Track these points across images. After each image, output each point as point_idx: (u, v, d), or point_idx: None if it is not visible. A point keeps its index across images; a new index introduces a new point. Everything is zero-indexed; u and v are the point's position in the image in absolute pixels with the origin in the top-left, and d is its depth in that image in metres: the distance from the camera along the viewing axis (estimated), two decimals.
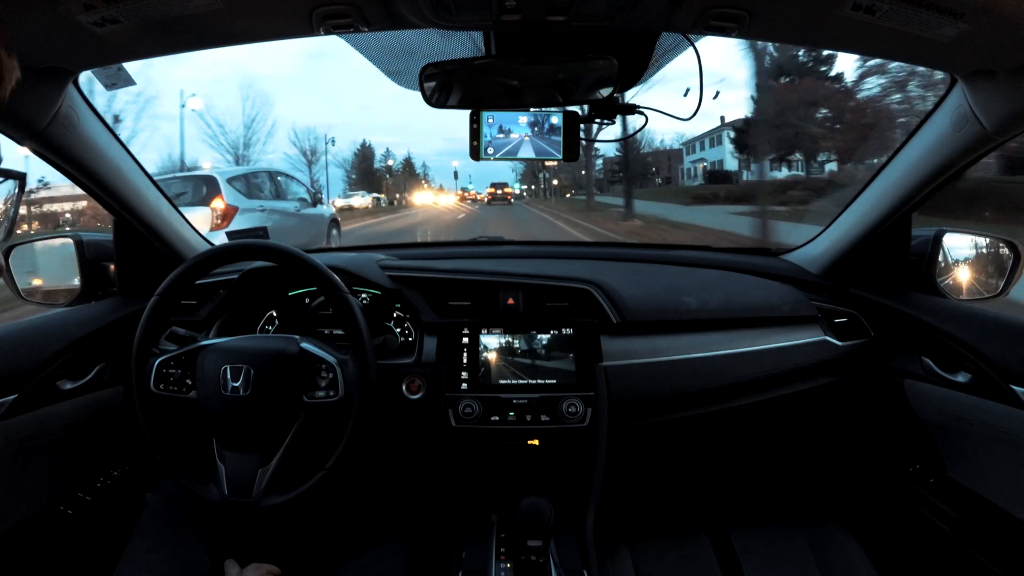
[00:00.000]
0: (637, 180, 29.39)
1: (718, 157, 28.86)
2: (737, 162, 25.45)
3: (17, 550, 0.91)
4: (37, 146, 0.84)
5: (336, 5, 0.66)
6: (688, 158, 32.81)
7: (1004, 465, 0.89)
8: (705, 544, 1.05)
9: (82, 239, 1.13)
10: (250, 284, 1.13)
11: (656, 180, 32.76)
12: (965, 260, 1.10)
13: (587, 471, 1.05)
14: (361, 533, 1.02)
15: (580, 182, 29.71)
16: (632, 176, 29.19)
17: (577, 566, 0.95)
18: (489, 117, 0.88)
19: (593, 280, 1.10)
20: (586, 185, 24.97)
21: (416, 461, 1.22)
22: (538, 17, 0.69)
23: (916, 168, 0.96)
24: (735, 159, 25.65)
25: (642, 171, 31.84)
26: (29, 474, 0.93)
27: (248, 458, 0.88)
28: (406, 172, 42.14)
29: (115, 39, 0.70)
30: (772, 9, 0.67)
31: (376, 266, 1.15)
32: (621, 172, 29.36)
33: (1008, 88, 0.75)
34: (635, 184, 30.20)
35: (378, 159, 40.37)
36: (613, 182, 31.13)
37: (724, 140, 27.43)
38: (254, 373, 0.87)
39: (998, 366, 0.87)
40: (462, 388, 1.03)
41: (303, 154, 27.32)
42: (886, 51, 0.77)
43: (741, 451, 1.33)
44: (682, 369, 1.07)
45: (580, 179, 28.12)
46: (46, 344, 0.95)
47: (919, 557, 1.07)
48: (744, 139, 22.36)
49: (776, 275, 1.21)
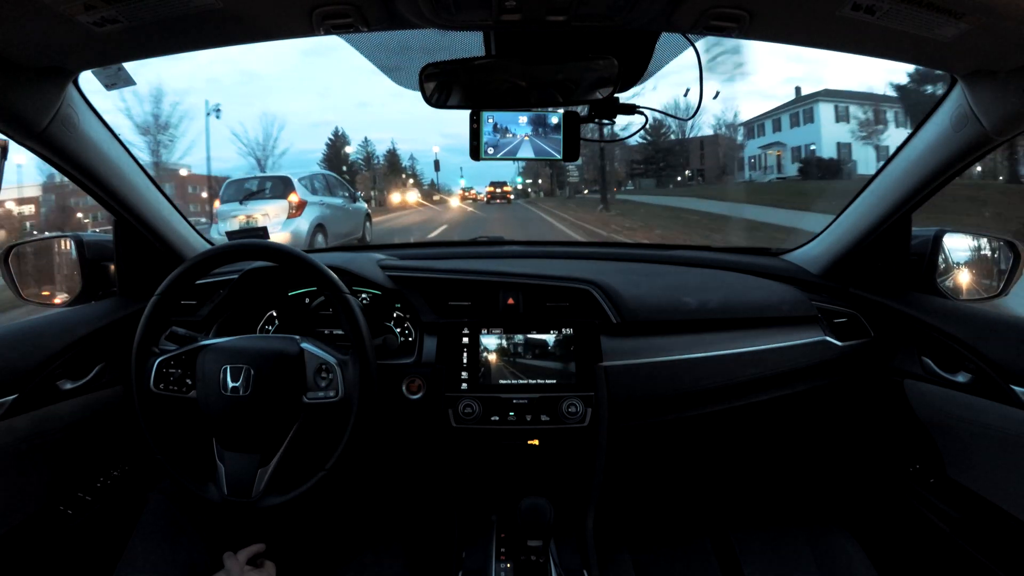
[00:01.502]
0: (666, 173, 24.94)
1: (806, 140, 20.23)
2: (857, 145, 18.25)
3: (17, 550, 0.91)
4: (37, 146, 0.84)
5: (336, 5, 0.66)
6: (753, 143, 23.06)
7: (1004, 465, 0.89)
8: (706, 545, 1.05)
9: (82, 239, 1.13)
10: (250, 284, 1.13)
11: (687, 173, 24.96)
12: (965, 260, 1.10)
13: (587, 471, 1.05)
14: (361, 533, 1.02)
15: (583, 175, 24.86)
16: (661, 169, 24.43)
17: (577, 566, 0.95)
18: (489, 117, 0.88)
19: (593, 280, 1.10)
20: (600, 182, 20.67)
21: (416, 461, 1.22)
22: (538, 17, 0.69)
23: (916, 168, 0.96)
24: (859, 141, 18.29)
25: (673, 162, 25.24)
26: (29, 474, 0.93)
27: (248, 458, 0.88)
28: (389, 166, 35.56)
29: (115, 39, 0.70)
30: (772, 9, 0.67)
31: (376, 266, 1.15)
32: (644, 164, 25.12)
33: (1008, 88, 0.75)
34: (665, 178, 24.80)
35: (356, 150, 34.53)
36: (635, 175, 25.90)
37: (818, 115, 19.65)
38: (254, 373, 0.87)
39: (998, 366, 0.87)
40: (462, 388, 1.03)
41: (252, 152, 23.45)
42: (886, 51, 0.77)
43: (741, 451, 1.33)
44: (682, 369, 1.07)
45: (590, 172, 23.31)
46: (46, 344, 0.95)
47: (919, 557, 1.07)
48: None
49: (776, 275, 1.21)
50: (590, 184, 24.37)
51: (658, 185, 24.61)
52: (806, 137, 20.44)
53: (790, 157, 21.17)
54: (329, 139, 34.08)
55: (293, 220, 6.18)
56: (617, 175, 25.27)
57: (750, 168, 23.02)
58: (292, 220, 6.19)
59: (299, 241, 6.11)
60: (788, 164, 21.10)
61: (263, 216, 6.22)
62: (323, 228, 6.62)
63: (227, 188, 6.85)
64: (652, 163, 25.33)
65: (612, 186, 22.61)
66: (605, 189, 19.46)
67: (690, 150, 24.34)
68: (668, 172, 25.27)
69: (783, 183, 18.79)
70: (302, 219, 6.27)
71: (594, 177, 23.25)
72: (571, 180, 26.12)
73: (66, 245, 1.15)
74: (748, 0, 0.65)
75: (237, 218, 6.28)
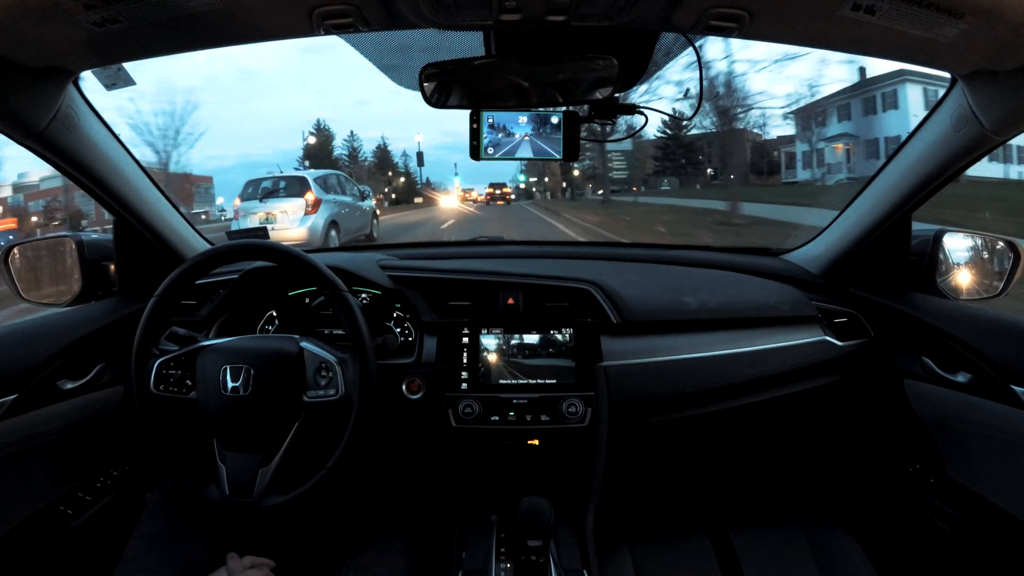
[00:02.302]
0: (688, 171, 22.63)
1: (888, 131, 15.45)
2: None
3: (17, 550, 0.91)
4: (37, 146, 0.84)
5: (336, 5, 0.66)
6: (807, 136, 18.12)
7: (1004, 465, 0.89)
8: (705, 544, 1.05)
9: (82, 239, 1.13)
10: (250, 284, 1.13)
11: (709, 171, 22.05)
12: (965, 260, 1.10)
13: (587, 471, 1.05)
14: (361, 533, 1.02)
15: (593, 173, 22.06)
16: (681, 166, 21.58)
17: (577, 566, 0.95)
18: (489, 117, 0.88)
19: (593, 280, 1.10)
20: (604, 182, 19.33)
21: (416, 461, 1.22)
22: (538, 17, 0.69)
23: (916, 168, 0.96)
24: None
25: (695, 159, 22.90)
26: (29, 474, 0.93)
27: (248, 458, 0.88)
28: (378, 163, 32.49)
29: (115, 39, 0.70)
30: (772, 9, 0.67)
31: (376, 266, 1.15)
32: (666, 160, 22.36)
33: (1008, 88, 0.75)
34: (686, 178, 22.14)
35: (341, 145, 32.15)
36: (657, 173, 23.48)
37: (904, 100, 15.28)
38: (254, 373, 0.87)
39: (998, 366, 0.87)
40: (462, 388, 1.03)
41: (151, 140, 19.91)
42: (886, 51, 0.77)
43: (741, 451, 1.33)
44: (682, 369, 1.07)
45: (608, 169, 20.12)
46: (46, 344, 0.95)
47: (919, 557, 1.07)
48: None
49: (776, 275, 1.21)
50: (605, 182, 20.93)
51: (682, 185, 22.15)
52: (888, 127, 15.81)
53: (864, 152, 16.57)
54: (310, 131, 30.80)
55: (309, 217, 6.66)
56: (643, 169, 22.70)
57: (805, 166, 18.43)
58: (308, 217, 6.67)
59: (315, 237, 6.57)
60: (860, 161, 16.47)
61: (282, 213, 6.74)
62: (336, 224, 7.06)
63: (247, 187, 7.34)
64: (684, 159, 22.63)
65: (633, 186, 20.60)
66: (607, 188, 18.22)
67: (726, 144, 18.52)
68: (694, 169, 22.59)
69: (855, 186, 14.92)
70: (318, 216, 6.71)
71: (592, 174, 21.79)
72: (591, 172, 22.88)
73: (66, 245, 1.15)
74: (748, 0, 0.65)
75: (257, 215, 6.77)
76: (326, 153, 31.08)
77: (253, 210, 6.88)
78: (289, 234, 6.49)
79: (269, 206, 6.92)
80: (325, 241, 6.67)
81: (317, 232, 6.68)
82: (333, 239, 6.89)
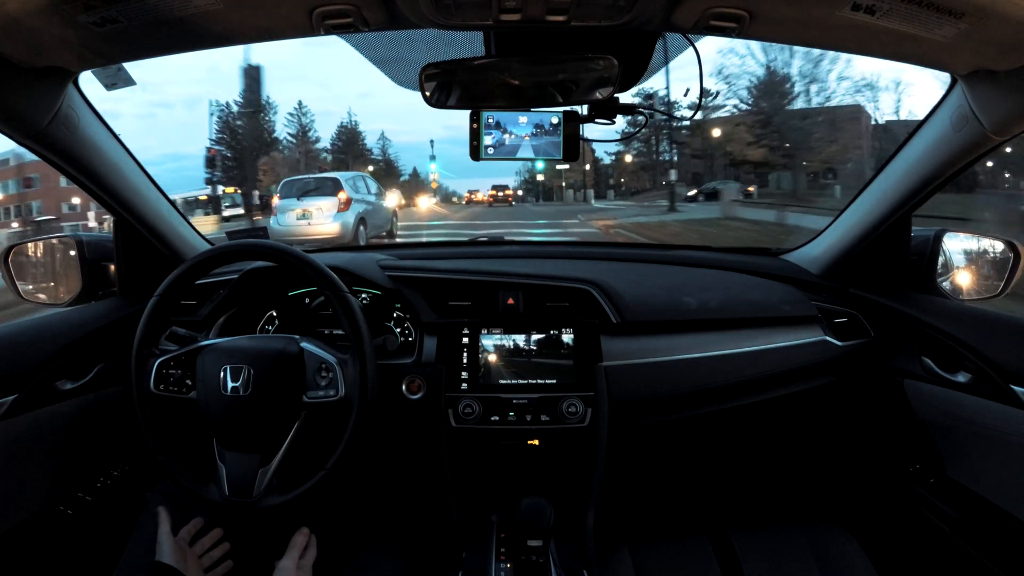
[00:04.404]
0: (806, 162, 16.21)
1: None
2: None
3: (17, 550, 0.91)
4: (37, 146, 0.84)
5: (336, 5, 0.66)
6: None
7: (1004, 465, 0.89)
8: (705, 544, 1.05)
9: (82, 239, 1.13)
10: (250, 284, 1.13)
11: (797, 175, 16.83)
12: (965, 260, 1.10)
13: (587, 471, 1.05)
14: (361, 533, 1.02)
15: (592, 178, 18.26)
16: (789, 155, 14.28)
17: (577, 566, 0.95)
18: (489, 117, 0.88)
19: (593, 280, 1.10)
20: (588, 187, 17.65)
21: (416, 461, 1.22)
22: (538, 17, 0.69)
23: (916, 168, 0.96)
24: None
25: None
26: (29, 474, 0.93)
27: (248, 458, 0.88)
28: (344, 144, 27.85)
29: (115, 39, 0.70)
30: (772, 9, 0.67)
31: (376, 266, 1.15)
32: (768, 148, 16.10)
33: (1008, 88, 0.75)
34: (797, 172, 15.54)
35: (286, 120, 27.87)
36: (758, 167, 17.72)
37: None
38: (254, 373, 0.87)
39: (998, 366, 0.87)
40: (462, 388, 1.03)
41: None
42: (886, 51, 0.77)
43: (741, 451, 1.33)
44: (682, 369, 1.07)
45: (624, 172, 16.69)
46: (46, 344, 0.95)
47: (919, 557, 1.07)
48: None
49: (776, 275, 1.21)
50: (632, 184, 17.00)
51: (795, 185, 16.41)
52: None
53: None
54: (289, 115, 26.71)
55: (342, 214, 7.54)
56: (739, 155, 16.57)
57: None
58: (341, 214, 7.54)
59: (347, 232, 7.43)
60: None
61: (317, 210, 7.55)
62: (364, 221, 7.92)
63: (284, 187, 8.22)
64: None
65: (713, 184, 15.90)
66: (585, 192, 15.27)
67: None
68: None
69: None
70: (349, 213, 7.57)
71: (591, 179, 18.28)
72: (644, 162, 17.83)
73: (66, 245, 1.15)
74: (748, 0, 0.65)
75: (295, 211, 7.63)
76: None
77: (291, 207, 7.66)
78: (324, 229, 7.40)
79: (306, 203, 7.63)
80: (355, 237, 7.51)
81: (348, 228, 7.45)
82: (362, 235, 7.71)
